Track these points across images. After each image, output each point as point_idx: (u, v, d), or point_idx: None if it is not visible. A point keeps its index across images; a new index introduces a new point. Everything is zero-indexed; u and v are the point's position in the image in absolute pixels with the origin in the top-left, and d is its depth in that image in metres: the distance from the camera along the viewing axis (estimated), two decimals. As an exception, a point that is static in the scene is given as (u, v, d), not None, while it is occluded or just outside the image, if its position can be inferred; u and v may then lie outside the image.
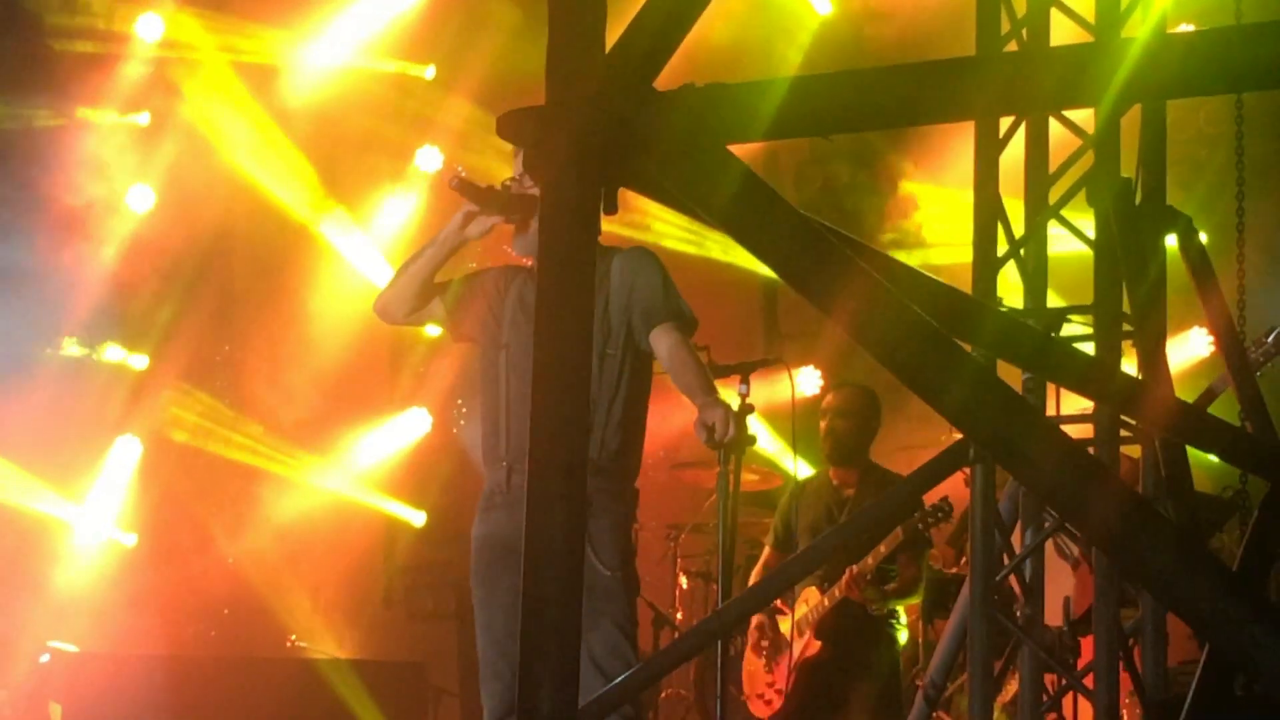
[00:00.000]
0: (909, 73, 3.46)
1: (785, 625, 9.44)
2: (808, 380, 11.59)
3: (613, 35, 3.57)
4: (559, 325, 3.46)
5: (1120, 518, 3.19)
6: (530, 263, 6.70)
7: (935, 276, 5.21)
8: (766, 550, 9.81)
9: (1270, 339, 7.90)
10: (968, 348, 4.00)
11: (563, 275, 3.47)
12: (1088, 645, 8.30)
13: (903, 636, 9.52)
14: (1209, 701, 4.66)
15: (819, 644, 9.25)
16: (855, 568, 9.04)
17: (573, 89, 3.46)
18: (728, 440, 6.54)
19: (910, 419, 10.17)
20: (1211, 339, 10.37)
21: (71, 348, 12.01)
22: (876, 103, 3.41)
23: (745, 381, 7.25)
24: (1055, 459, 3.26)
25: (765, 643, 9.49)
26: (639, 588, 6.60)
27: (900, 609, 9.47)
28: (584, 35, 3.47)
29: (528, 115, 3.51)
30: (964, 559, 10.43)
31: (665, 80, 3.51)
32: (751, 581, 9.57)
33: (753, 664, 9.59)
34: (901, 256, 6.41)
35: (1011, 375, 6.53)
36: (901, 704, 9.27)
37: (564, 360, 3.44)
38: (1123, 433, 6.67)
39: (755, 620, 9.51)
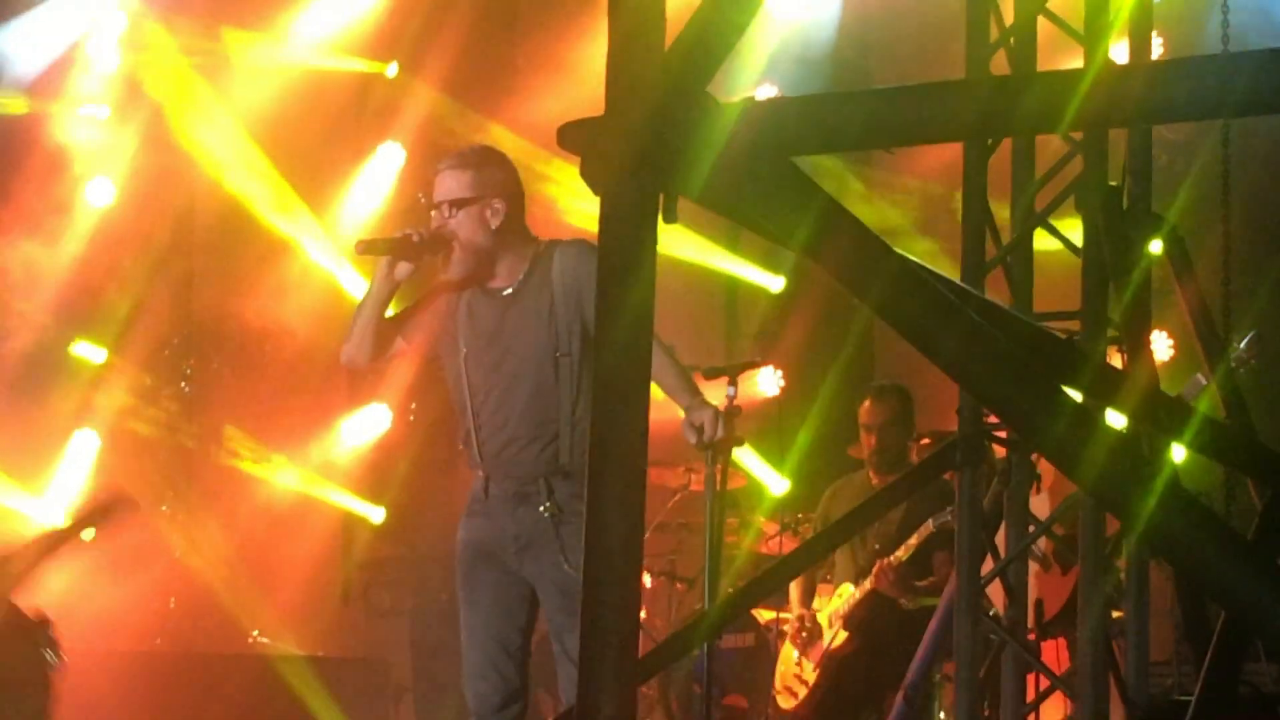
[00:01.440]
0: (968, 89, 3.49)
1: (823, 618, 9.45)
2: (767, 381, 11.61)
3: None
4: (618, 334, 3.47)
5: (1110, 462, 3.21)
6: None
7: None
8: None
9: (1243, 345, 8.02)
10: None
11: (621, 284, 3.48)
12: (1049, 648, 8.40)
13: None
14: (1216, 700, 4.70)
15: (846, 635, 9.24)
16: (885, 560, 9.03)
17: (631, 97, 3.46)
18: (717, 440, 6.63)
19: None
20: (1171, 343, 10.51)
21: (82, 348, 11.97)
22: (919, 119, 3.45)
23: (733, 383, 7.31)
24: (1054, 414, 3.29)
25: (804, 634, 9.46)
26: None
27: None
28: (643, 42, 3.48)
29: (587, 125, 3.52)
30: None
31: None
32: (793, 585, 9.57)
33: (787, 656, 9.57)
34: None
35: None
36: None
37: (623, 369, 3.45)
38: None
39: (797, 611, 9.51)
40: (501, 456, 6.66)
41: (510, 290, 6.71)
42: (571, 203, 11.18)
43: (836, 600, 9.33)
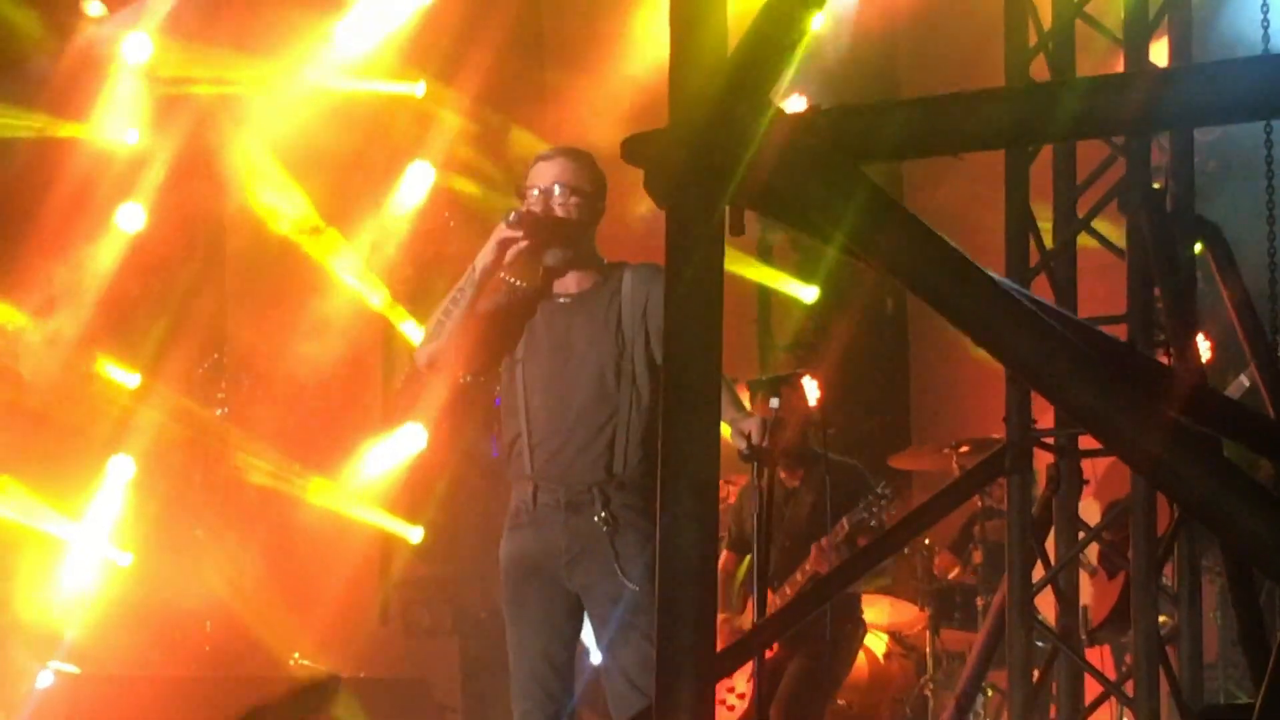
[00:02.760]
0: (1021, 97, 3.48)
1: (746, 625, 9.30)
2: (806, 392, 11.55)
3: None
4: (687, 347, 3.46)
5: (1164, 444, 3.19)
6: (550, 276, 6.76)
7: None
8: (724, 554, 9.73)
9: None
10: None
11: (689, 297, 3.48)
12: (1092, 655, 8.36)
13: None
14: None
15: (776, 645, 9.10)
16: (822, 540, 8.93)
17: (695, 108, 3.46)
18: (763, 449, 6.61)
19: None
20: (1209, 345, 10.48)
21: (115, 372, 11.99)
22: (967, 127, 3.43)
23: (777, 394, 7.30)
24: (1093, 387, 3.27)
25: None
26: None
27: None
28: (705, 53, 3.47)
29: (650, 138, 3.51)
30: (968, 567, 10.51)
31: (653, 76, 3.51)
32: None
33: None
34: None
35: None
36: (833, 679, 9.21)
37: (693, 381, 3.44)
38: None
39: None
40: (555, 463, 6.58)
41: (571, 299, 6.66)
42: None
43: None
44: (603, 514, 6.49)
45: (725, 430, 6.56)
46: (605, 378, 6.55)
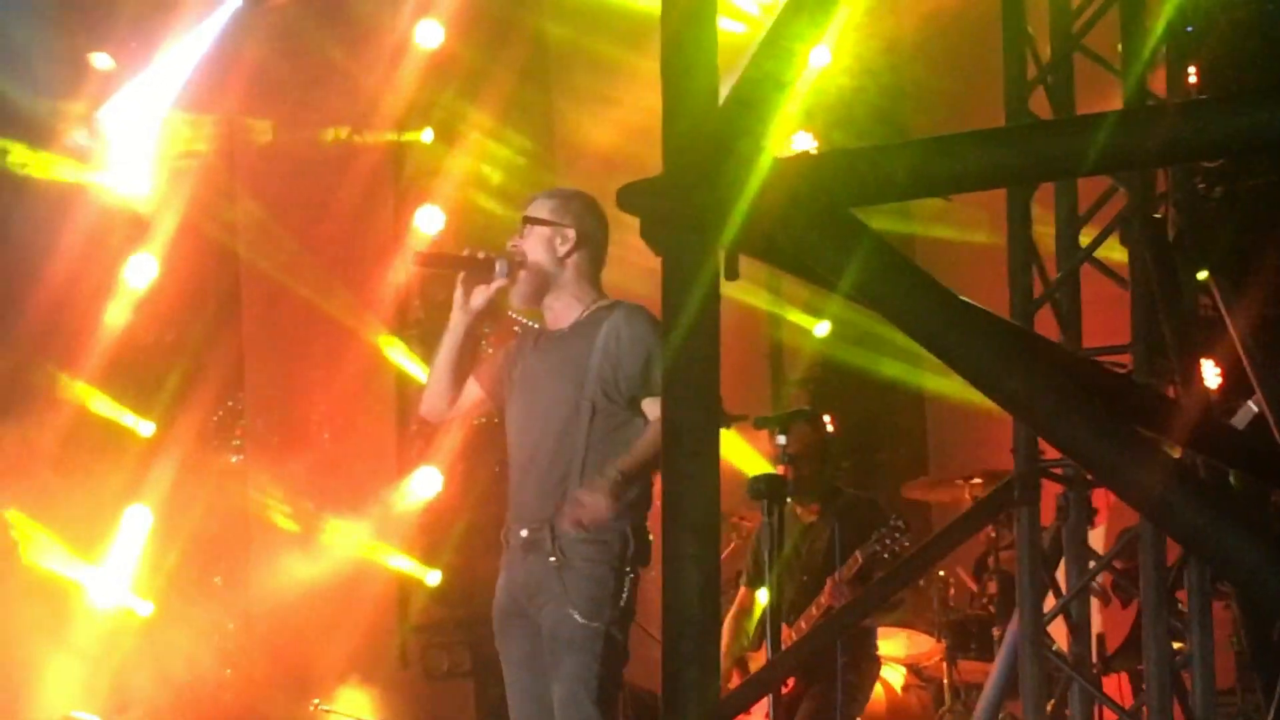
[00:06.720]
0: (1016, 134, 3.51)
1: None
2: (817, 427, 11.58)
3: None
4: (685, 393, 3.49)
5: (1161, 480, 3.21)
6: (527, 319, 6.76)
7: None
8: (741, 590, 9.68)
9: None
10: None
11: (687, 344, 3.50)
12: (1109, 683, 8.39)
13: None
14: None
15: (792, 680, 9.05)
16: (835, 576, 8.84)
17: (687, 154, 3.49)
18: (780, 479, 6.63)
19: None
20: (1218, 370, 10.51)
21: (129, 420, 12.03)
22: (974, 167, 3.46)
23: (785, 432, 7.32)
24: (1089, 426, 3.29)
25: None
26: (624, 645, 6.43)
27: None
28: (697, 97, 3.50)
29: (644, 186, 3.54)
30: (983, 596, 10.53)
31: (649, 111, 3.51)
32: (726, 624, 9.35)
33: None
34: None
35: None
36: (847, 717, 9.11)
37: (691, 427, 3.47)
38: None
39: (726, 664, 9.30)
40: (517, 501, 6.55)
41: (556, 336, 6.64)
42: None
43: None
44: (551, 549, 6.41)
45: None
46: (563, 414, 6.49)
